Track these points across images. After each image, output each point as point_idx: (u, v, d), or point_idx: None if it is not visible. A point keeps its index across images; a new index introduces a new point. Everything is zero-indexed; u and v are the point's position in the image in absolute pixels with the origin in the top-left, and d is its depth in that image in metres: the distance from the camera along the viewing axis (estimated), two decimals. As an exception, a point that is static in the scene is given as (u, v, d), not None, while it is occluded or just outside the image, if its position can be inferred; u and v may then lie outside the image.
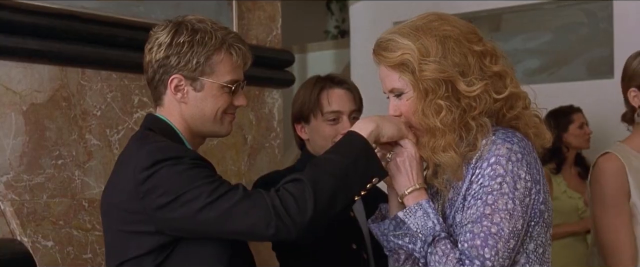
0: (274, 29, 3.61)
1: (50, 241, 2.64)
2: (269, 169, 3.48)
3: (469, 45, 1.78)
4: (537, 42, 5.32)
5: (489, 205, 1.71)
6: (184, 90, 1.96)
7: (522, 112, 1.83)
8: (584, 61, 5.10)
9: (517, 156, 1.73)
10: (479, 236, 1.70)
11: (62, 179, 2.71)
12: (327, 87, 2.42)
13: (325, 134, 2.40)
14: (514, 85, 1.82)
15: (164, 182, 1.79)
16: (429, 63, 1.75)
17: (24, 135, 2.62)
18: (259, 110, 3.51)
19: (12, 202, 2.55)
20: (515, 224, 1.71)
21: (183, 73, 1.94)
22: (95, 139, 2.82)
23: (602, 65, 4.89)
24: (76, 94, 2.78)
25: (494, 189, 1.72)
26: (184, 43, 1.92)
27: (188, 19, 1.97)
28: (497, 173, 1.72)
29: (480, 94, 1.76)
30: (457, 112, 1.76)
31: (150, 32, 1.99)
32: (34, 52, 2.65)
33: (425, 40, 1.77)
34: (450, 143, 1.77)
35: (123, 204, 1.87)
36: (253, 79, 3.44)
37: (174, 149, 1.86)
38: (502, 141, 1.75)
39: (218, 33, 1.95)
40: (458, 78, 1.75)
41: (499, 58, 1.82)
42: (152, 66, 1.96)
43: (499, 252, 1.69)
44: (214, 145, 3.26)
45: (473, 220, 1.72)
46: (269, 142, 3.56)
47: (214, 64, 1.95)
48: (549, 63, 5.28)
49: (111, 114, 2.87)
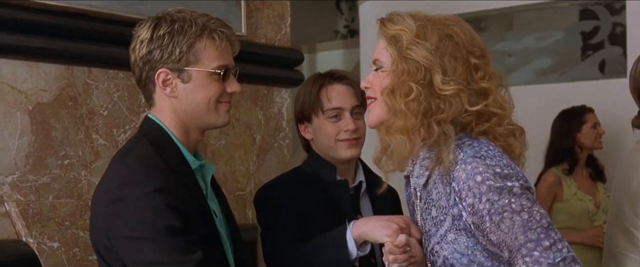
0: (283, 27, 3.58)
1: (56, 242, 2.62)
2: (278, 170, 3.45)
3: (466, 54, 1.78)
4: (549, 41, 5.28)
5: (518, 212, 1.68)
6: (173, 84, 1.92)
7: (492, 128, 1.81)
8: (596, 61, 5.05)
9: (496, 169, 1.71)
10: (539, 239, 1.67)
11: (68, 179, 2.68)
12: (327, 84, 2.39)
13: (328, 132, 2.36)
14: (497, 105, 1.80)
15: (130, 212, 1.79)
16: (419, 46, 1.76)
17: (29, 135, 2.59)
18: (267, 109, 3.48)
19: (17, 203, 2.52)
20: (541, 207, 1.71)
21: (168, 66, 1.91)
22: (101, 139, 2.79)
23: (614, 64, 4.85)
24: (82, 93, 2.75)
25: (509, 198, 1.70)
26: (164, 35, 1.90)
27: (167, 11, 1.95)
28: (497, 185, 1.70)
29: (451, 97, 1.75)
30: (423, 105, 1.75)
31: (132, 31, 1.97)
32: (40, 50, 2.62)
33: (429, 28, 1.79)
34: (407, 128, 1.76)
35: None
36: (262, 78, 3.42)
37: (142, 174, 1.83)
38: (472, 158, 1.73)
39: (198, 20, 1.92)
40: (437, 72, 1.75)
41: (492, 79, 1.81)
42: (138, 65, 1.94)
43: (557, 234, 1.68)
44: (222, 145, 3.23)
45: (521, 231, 1.68)
46: (278, 142, 3.53)
47: (198, 52, 1.91)
48: (561, 62, 5.24)
49: (118, 114, 2.84)
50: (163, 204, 1.79)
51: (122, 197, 1.80)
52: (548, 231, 1.68)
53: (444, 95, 1.75)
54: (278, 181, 2.49)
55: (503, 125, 1.82)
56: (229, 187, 3.25)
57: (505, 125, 1.82)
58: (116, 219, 1.81)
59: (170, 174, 1.86)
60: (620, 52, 4.77)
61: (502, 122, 1.82)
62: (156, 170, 1.85)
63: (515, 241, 1.68)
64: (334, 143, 2.35)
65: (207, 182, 2.02)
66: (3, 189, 2.51)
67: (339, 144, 2.35)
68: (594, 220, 4.15)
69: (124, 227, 1.79)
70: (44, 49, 2.63)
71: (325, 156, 2.39)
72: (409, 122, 1.76)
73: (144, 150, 1.90)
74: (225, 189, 3.22)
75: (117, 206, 1.81)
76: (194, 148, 2.01)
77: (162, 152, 1.91)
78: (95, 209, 1.92)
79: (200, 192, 1.95)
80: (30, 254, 2.41)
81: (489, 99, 1.80)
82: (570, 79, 5.06)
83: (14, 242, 2.47)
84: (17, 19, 2.55)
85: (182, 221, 1.80)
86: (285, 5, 3.59)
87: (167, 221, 1.78)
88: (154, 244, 1.77)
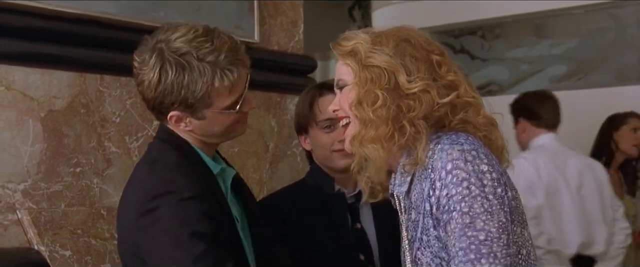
0: (296, 34, 3.57)
1: (68, 251, 2.61)
2: (291, 178, 3.43)
3: (426, 53, 1.76)
4: (563, 48, 5.26)
5: (466, 213, 1.62)
6: (186, 120, 1.88)
7: (469, 116, 1.76)
8: (611, 67, 5.03)
9: (472, 153, 1.66)
10: (469, 249, 1.61)
11: (80, 187, 2.67)
12: (318, 96, 2.39)
13: (323, 143, 2.36)
14: (469, 95, 1.76)
15: (163, 224, 1.76)
16: (377, 52, 1.74)
17: (41, 142, 2.59)
18: (280, 117, 3.46)
19: (29, 211, 2.52)
20: (498, 219, 1.63)
21: (180, 109, 1.85)
22: (114, 147, 2.78)
23: (630, 71, 4.83)
24: (95, 100, 2.74)
25: (464, 195, 1.63)
26: (173, 83, 1.80)
27: (167, 46, 1.82)
28: (460, 178, 1.64)
29: (420, 93, 1.71)
30: (392, 108, 1.71)
31: (133, 62, 1.87)
32: (52, 57, 2.62)
33: (383, 37, 1.77)
34: (379, 137, 1.72)
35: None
36: (275, 85, 3.41)
37: (177, 183, 1.80)
38: (449, 146, 1.68)
39: (208, 58, 1.81)
40: (401, 73, 1.72)
41: (458, 71, 1.78)
42: (148, 101, 1.87)
43: (497, 254, 1.61)
44: (235, 152, 3.22)
45: (457, 236, 1.63)
46: (290, 150, 3.51)
47: (212, 97, 1.83)
48: (576, 69, 5.21)
49: (130, 121, 2.83)
50: (199, 212, 1.76)
51: (155, 207, 1.76)
52: (479, 247, 1.61)
53: (412, 94, 1.72)
54: (276, 200, 2.47)
55: (481, 114, 1.77)
56: (241, 195, 3.24)
57: (483, 114, 1.78)
58: (149, 233, 1.76)
59: (200, 179, 1.85)
60: (635, 58, 4.74)
61: (479, 111, 1.78)
62: (188, 176, 1.82)
63: (453, 247, 1.64)
64: (329, 153, 2.36)
65: (227, 187, 1.99)
66: (15, 196, 2.50)
67: (334, 154, 2.35)
68: None
69: (157, 241, 1.75)
70: (57, 56, 2.63)
71: (323, 166, 2.41)
72: (380, 130, 1.72)
73: (172, 157, 1.86)
74: (238, 197, 3.21)
75: (149, 218, 1.76)
76: (212, 152, 1.99)
77: (187, 158, 1.89)
78: (123, 222, 1.87)
79: (223, 197, 1.93)
80: (42, 262, 2.40)
81: (460, 89, 1.76)
82: (585, 85, 5.04)
83: (25, 250, 2.46)
84: (29, 26, 2.55)
85: (214, 230, 1.78)
86: (298, 12, 3.58)
87: (201, 231, 1.75)
88: (188, 257, 1.73)
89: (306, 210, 2.35)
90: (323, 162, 2.40)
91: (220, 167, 1.96)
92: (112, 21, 2.76)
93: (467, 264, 1.61)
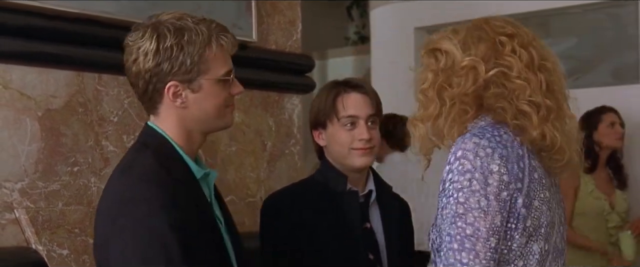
0: (294, 33, 3.57)
1: (65, 250, 2.61)
2: (288, 177, 3.43)
3: (494, 33, 1.79)
4: (562, 47, 5.26)
5: (461, 204, 1.65)
6: (183, 95, 1.87)
7: (508, 103, 1.75)
8: (610, 66, 5.03)
9: (486, 150, 1.67)
10: (455, 238, 1.64)
11: (78, 186, 2.67)
12: (343, 92, 2.37)
13: (342, 140, 2.34)
14: (521, 78, 1.75)
15: (127, 237, 1.75)
16: (447, 41, 1.82)
17: (39, 141, 2.58)
18: (278, 116, 3.46)
19: (27, 210, 2.51)
20: (492, 221, 1.64)
21: (178, 78, 1.85)
22: (112, 146, 2.78)
23: (629, 70, 4.82)
24: (93, 99, 2.74)
25: (464, 186, 1.65)
26: (172, 46, 1.82)
27: (164, 19, 1.87)
28: (465, 168, 1.66)
29: (466, 68, 1.75)
30: (438, 86, 1.78)
31: (126, 41, 1.90)
32: (50, 56, 2.61)
33: (462, 28, 1.84)
34: (427, 116, 1.78)
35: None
36: (272, 84, 3.41)
37: (146, 192, 1.79)
38: (470, 135, 1.70)
39: (202, 27, 1.86)
40: (459, 52, 1.78)
41: (521, 55, 1.78)
42: (143, 77, 1.86)
43: (479, 254, 1.63)
44: (232, 151, 3.21)
45: (449, 222, 1.66)
46: (288, 149, 3.51)
47: (208, 61, 1.86)
48: (574, 68, 5.21)
49: (128, 120, 2.83)
50: (166, 222, 1.74)
51: (121, 215, 1.76)
52: (464, 239, 1.64)
53: (461, 69, 1.78)
54: (285, 197, 2.45)
55: (524, 100, 1.75)
56: (239, 194, 3.23)
57: (527, 96, 1.75)
58: (114, 240, 1.76)
59: (174, 186, 1.83)
60: (634, 58, 4.74)
61: (523, 96, 1.75)
62: (160, 185, 1.80)
63: (444, 231, 1.68)
64: (347, 151, 2.34)
65: (211, 189, 1.99)
66: (12, 195, 2.50)
67: (353, 152, 2.33)
68: (608, 220, 4.15)
69: (121, 250, 1.75)
70: (54, 55, 2.62)
71: (337, 163, 2.38)
72: (429, 110, 1.81)
73: (147, 163, 1.85)
74: (236, 196, 3.21)
75: (116, 226, 1.76)
76: (195, 153, 1.98)
77: (166, 163, 1.87)
78: (97, 227, 1.87)
79: (205, 201, 1.92)
80: (39, 262, 2.40)
81: (513, 71, 1.76)
82: (583, 84, 5.04)
83: (23, 250, 2.46)
84: (27, 25, 2.54)
85: (183, 240, 1.75)
86: (296, 12, 3.58)
87: (165, 242, 1.73)
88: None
89: (316, 208, 2.34)
90: (339, 159, 2.37)
91: (204, 171, 1.95)
92: (110, 20, 2.75)
93: (449, 251, 1.64)
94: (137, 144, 1.95)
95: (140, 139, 1.96)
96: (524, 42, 1.79)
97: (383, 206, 2.43)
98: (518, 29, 1.82)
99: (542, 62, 1.79)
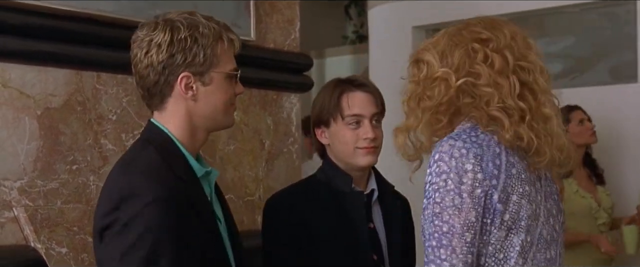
0: (292, 32, 3.57)
1: (64, 248, 2.61)
2: (287, 176, 3.44)
3: (467, 40, 1.83)
4: (559, 47, 5.26)
5: (438, 203, 1.72)
6: (194, 87, 1.90)
7: (482, 111, 1.80)
8: (607, 65, 5.03)
9: (461, 151, 1.74)
10: (433, 236, 1.72)
11: (76, 184, 2.67)
12: (348, 90, 2.36)
13: (346, 139, 2.34)
14: (490, 85, 1.79)
15: (118, 226, 1.77)
16: (429, 50, 1.86)
17: (38, 140, 2.59)
18: (276, 114, 3.46)
19: (25, 208, 2.52)
20: (466, 217, 1.71)
21: (191, 69, 1.88)
22: (110, 144, 2.78)
23: (626, 69, 4.83)
24: (91, 98, 2.75)
25: (440, 187, 1.73)
26: (186, 38, 1.87)
27: (174, 16, 1.91)
28: (441, 170, 1.74)
29: (437, 80, 1.81)
30: (418, 98, 1.84)
31: (136, 36, 1.92)
32: (49, 55, 2.62)
33: (445, 33, 1.88)
34: (404, 127, 1.86)
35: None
36: (271, 83, 3.42)
37: (145, 187, 1.80)
38: (447, 138, 1.78)
39: (213, 23, 1.92)
40: (436, 62, 1.83)
41: (492, 62, 1.81)
42: (155, 69, 1.88)
43: (456, 249, 1.71)
44: (231, 150, 3.22)
45: (428, 221, 1.74)
46: (287, 147, 3.51)
47: (219, 55, 1.91)
48: (572, 67, 5.21)
49: (127, 119, 2.84)
50: (161, 221, 1.76)
51: (118, 208, 1.77)
52: (441, 237, 1.71)
53: (433, 80, 1.83)
54: (288, 196, 2.43)
55: (492, 107, 1.79)
56: (238, 193, 3.24)
57: (495, 107, 1.79)
58: (108, 231, 1.79)
59: (175, 183, 1.84)
60: (631, 56, 4.74)
61: (491, 103, 1.79)
62: (160, 181, 1.81)
63: (424, 230, 1.76)
64: (352, 150, 2.33)
65: (211, 188, 2.00)
66: (11, 194, 2.51)
67: (357, 151, 2.32)
68: (597, 217, 4.12)
69: (113, 248, 1.77)
70: (53, 54, 2.63)
71: (340, 162, 2.37)
72: (410, 122, 1.87)
73: (150, 159, 1.86)
74: (234, 195, 3.21)
75: (111, 217, 1.78)
76: (197, 152, 1.99)
77: (169, 160, 1.88)
78: (96, 220, 1.88)
79: (205, 200, 1.93)
80: (38, 260, 2.40)
81: (481, 79, 1.80)
82: (581, 83, 5.04)
83: (22, 248, 2.47)
84: (26, 23, 2.54)
85: (175, 241, 1.77)
86: (294, 11, 3.58)
87: (158, 245, 1.75)
88: (138, 259, 1.74)
89: (319, 208, 2.32)
90: (342, 158, 2.36)
91: (205, 170, 1.96)
92: (108, 19, 2.76)
93: (428, 248, 1.73)
94: (139, 141, 1.97)
95: (143, 135, 1.97)
96: (499, 46, 1.82)
97: (385, 205, 2.43)
98: (495, 32, 1.85)
99: (518, 63, 1.83)
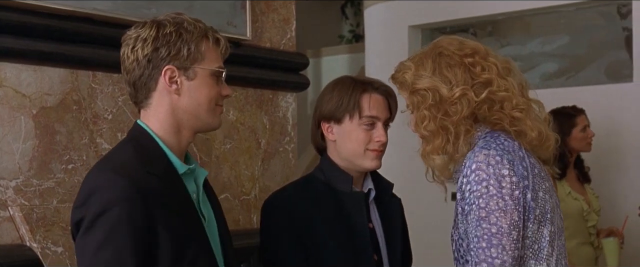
0: (288, 32, 3.57)
1: (60, 247, 2.61)
2: (283, 175, 3.44)
3: (459, 57, 2.03)
4: (554, 46, 5.27)
5: (483, 208, 1.91)
6: (178, 81, 1.94)
7: (502, 113, 2.02)
8: (602, 64, 5.04)
9: (496, 158, 1.92)
10: (482, 238, 1.90)
11: (72, 183, 2.67)
12: (370, 91, 2.34)
13: (359, 138, 2.32)
14: (501, 89, 2.01)
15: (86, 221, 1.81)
16: (420, 77, 2.03)
17: (33, 139, 2.59)
18: (272, 114, 3.46)
19: (21, 207, 2.52)
20: (511, 217, 1.90)
21: (175, 63, 1.93)
22: (106, 143, 2.78)
23: (621, 68, 4.84)
24: (87, 97, 2.74)
25: (483, 193, 1.91)
26: (171, 33, 1.92)
27: (162, 17, 1.97)
28: (481, 178, 1.92)
29: (459, 98, 1.98)
30: (438, 119, 2.00)
31: (125, 35, 1.98)
32: (44, 54, 2.61)
33: (423, 59, 2.05)
34: (436, 148, 2.02)
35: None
36: (267, 82, 3.41)
37: (115, 183, 1.82)
38: (479, 149, 1.95)
39: (199, 23, 1.97)
40: (442, 86, 2.00)
41: (491, 68, 2.03)
42: (139, 63, 1.93)
43: (505, 247, 1.90)
44: (227, 149, 3.22)
45: (474, 225, 1.92)
46: (283, 147, 3.51)
47: (204, 51, 1.96)
48: (567, 67, 5.22)
49: (123, 118, 2.84)
50: (123, 217, 1.78)
51: (86, 203, 1.81)
52: (490, 238, 1.90)
53: (454, 100, 1.98)
54: (288, 196, 2.41)
55: (514, 107, 2.01)
56: (234, 192, 3.24)
57: (515, 105, 2.01)
58: (79, 234, 1.82)
59: (146, 179, 1.85)
60: (626, 56, 4.75)
61: (511, 104, 2.01)
62: (125, 178, 1.82)
63: (471, 234, 1.94)
64: (362, 151, 2.32)
65: (199, 186, 2.00)
66: (7, 193, 2.50)
67: (368, 153, 2.32)
68: (587, 220, 4.12)
69: (80, 241, 1.82)
70: (49, 53, 2.62)
71: (343, 161, 2.35)
72: (436, 143, 2.01)
73: (126, 157, 1.89)
74: (230, 194, 3.21)
75: (79, 212, 1.82)
76: (183, 151, 2.00)
77: (144, 157, 1.90)
78: (70, 219, 1.92)
79: (186, 197, 1.94)
80: (34, 259, 2.40)
81: (492, 85, 2.00)
82: (576, 83, 5.05)
83: (17, 247, 2.46)
84: (21, 22, 2.54)
85: (139, 237, 1.79)
86: (290, 10, 3.58)
87: (117, 241, 1.77)
88: (95, 251, 1.78)
89: (320, 208, 2.32)
90: (349, 157, 2.35)
91: (188, 167, 1.97)
92: (104, 18, 2.76)
93: (479, 250, 1.91)
94: (122, 141, 2.03)
95: (128, 134, 2.02)
96: (483, 54, 2.04)
97: (382, 204, 2.43)
98: (468, 45, 2.06)
99: (504, 65, 2.07)
